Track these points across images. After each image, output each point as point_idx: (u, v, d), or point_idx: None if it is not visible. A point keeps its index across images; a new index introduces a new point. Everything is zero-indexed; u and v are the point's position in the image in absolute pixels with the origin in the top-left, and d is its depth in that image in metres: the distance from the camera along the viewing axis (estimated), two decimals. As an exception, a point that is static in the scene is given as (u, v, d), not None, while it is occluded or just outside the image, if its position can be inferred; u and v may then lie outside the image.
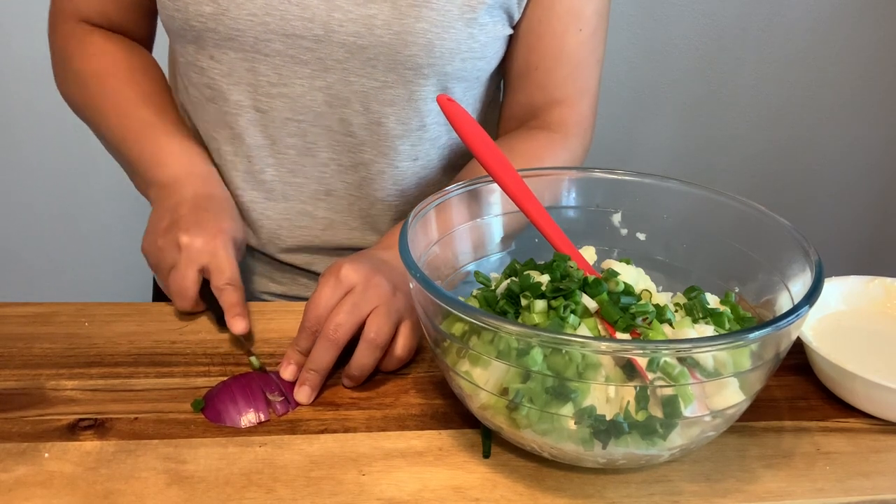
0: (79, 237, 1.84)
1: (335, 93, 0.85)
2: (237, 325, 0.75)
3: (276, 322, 0.80)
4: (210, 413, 0.67)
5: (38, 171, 1.76)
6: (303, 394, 0.69)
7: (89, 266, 1.86)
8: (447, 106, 0.77)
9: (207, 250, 0.78)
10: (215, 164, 0.91)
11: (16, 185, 1.78)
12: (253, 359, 0.74)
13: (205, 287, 0.79)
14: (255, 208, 0.93)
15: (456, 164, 0.95)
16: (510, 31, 0.89)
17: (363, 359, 0.70)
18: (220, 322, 0.78)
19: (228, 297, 0.77)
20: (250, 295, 0.96)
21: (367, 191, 0.92)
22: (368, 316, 0.70)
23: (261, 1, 0.81)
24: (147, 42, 0.98)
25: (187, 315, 0.80)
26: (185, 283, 0.77)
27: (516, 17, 0.88)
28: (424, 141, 0.90)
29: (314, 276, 0.97)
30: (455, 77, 0.86)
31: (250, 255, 0.97)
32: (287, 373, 0.71)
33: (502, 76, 0.96)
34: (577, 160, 0.93)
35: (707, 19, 1.80)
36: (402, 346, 0.72)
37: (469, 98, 0.91)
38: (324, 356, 0.69)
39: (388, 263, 0.75)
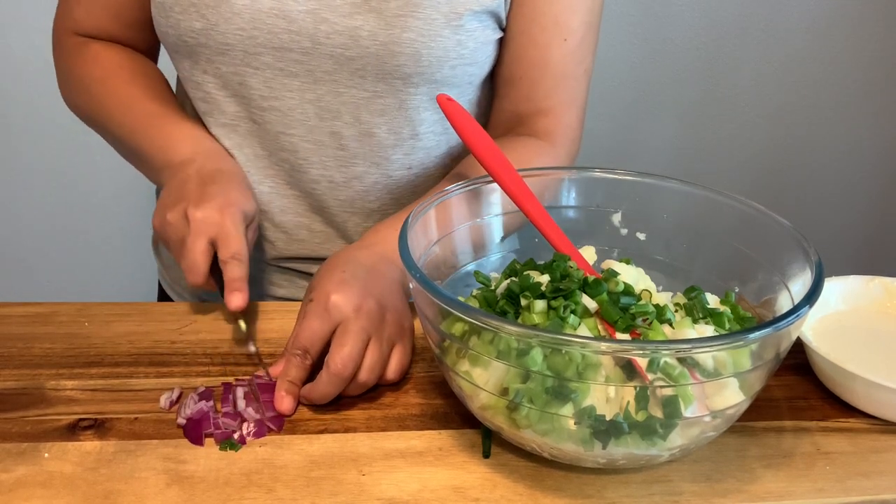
0: (79, 237, 1.84)
1: (325, 105, 0.86)
2: (233, 300, 0.74)
3: (277, 322, 0.80)
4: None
5: (39, 171, 1.76)
6: (293, 411, 0.69)
7: (89, 266, 1.86)
8: (447, 105, 0.77)
9: (215, 222, 0.77)
10: None
11: (16, 186, 1.78)
12: (241, 322, 0.76)
13: (215, 263, 0.78)
14: None
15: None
16: (500, 34, 0.88)
17: (354, 393, 0.69)
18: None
19: (230, 272, 0.75)
20: (252, 297, 0.96)
21: (362, 204, 0.92)
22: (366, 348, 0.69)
23: (248, 15, 0.82)
24: (150, 54, 0.99)
25: (189, 314, 0.80)
26: (195, 256, 0.76)
27: (505, 21, 0.88)
28: (418, 150, 0.90)
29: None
30: (446, 84, 0.86)
31: (249, 261, 0.97)
32: (285, 404, 0.68)
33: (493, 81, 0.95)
34: None
35: (707, 19, 1.80)
36: (393, 370, 0.71)
37: (464, 103, 0.90)
38: (332, 390, 0.68)
39: (373, 272, 0.74)
